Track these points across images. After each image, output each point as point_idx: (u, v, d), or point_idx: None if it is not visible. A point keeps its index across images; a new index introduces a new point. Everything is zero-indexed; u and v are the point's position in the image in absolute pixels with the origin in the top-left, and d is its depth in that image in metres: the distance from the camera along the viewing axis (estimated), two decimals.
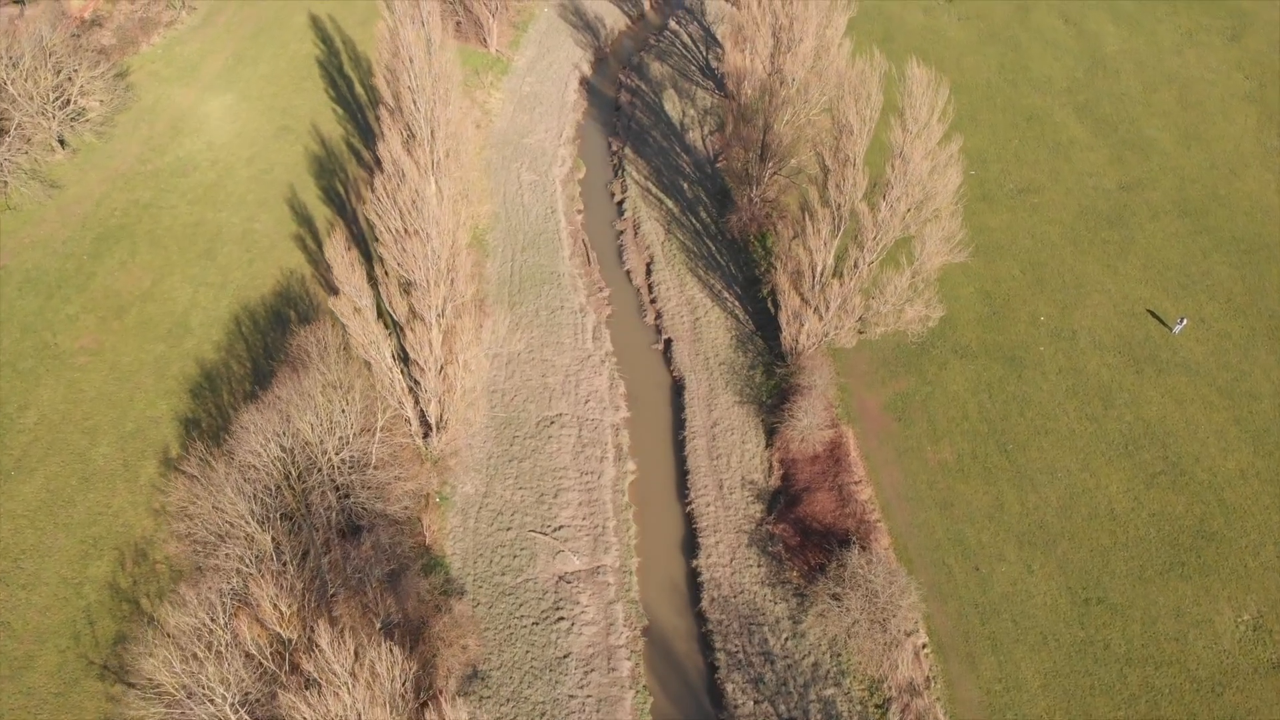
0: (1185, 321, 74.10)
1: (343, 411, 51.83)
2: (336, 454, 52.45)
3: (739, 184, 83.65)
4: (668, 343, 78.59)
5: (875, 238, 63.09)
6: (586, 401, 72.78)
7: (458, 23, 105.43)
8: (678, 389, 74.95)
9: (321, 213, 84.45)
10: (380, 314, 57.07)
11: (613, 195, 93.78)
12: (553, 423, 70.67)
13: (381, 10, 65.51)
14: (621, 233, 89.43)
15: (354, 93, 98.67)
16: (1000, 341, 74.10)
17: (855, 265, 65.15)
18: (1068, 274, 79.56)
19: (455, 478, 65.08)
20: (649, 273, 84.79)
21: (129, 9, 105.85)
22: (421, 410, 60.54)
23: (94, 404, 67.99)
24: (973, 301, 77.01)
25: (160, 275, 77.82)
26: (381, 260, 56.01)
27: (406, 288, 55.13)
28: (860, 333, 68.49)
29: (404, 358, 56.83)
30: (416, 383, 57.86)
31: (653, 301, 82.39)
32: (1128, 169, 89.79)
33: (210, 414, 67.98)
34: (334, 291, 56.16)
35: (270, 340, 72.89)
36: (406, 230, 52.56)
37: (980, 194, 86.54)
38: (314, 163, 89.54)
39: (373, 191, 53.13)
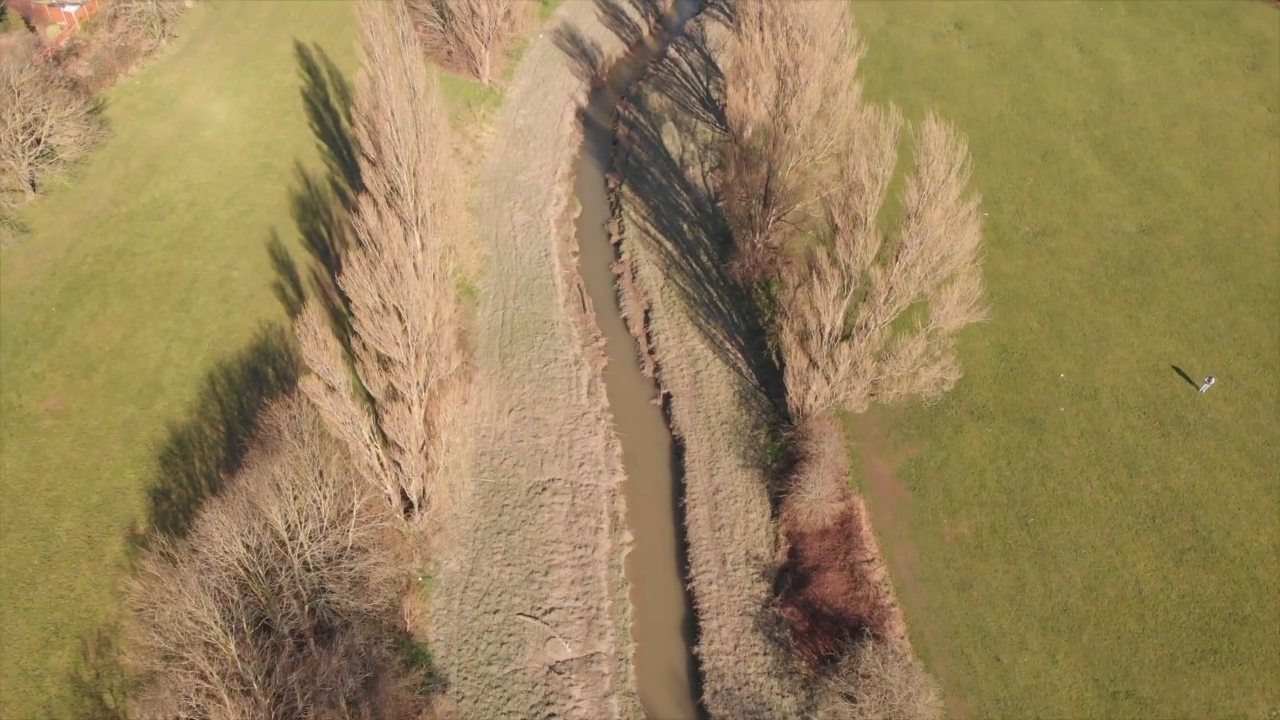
0: (1213, 380, 70.15)
1: (315, 503, 47.83)
2: (309, 548, 48.43)
3: (741, 229, 79.68)
4: (667, 398, 74.62)
5: (888, 301, 59.11)
6: (581, 465, 68.76)
7: (449, 52, 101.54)
8: (678, 449, 70.95)
9: (304, 258, 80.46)
10: (358, 389, 53.07)
11: (610, 236, 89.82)
12: (545, 489, 66.66)
13: (360, 56, 61.48)
14: (619, 276, 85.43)
15: (339, 127, 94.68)
16: (1019, 401, 70.12)
17: (866, 326, 61.18)
18: (1088, 326, 75.59)
19: (439, 554, 61.03)
20: (647, 320, 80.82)
21: (107, 37, 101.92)
22: (402, 487, 56.53)
23: (59, 473, 64.01)
24: (989, 356, 73.01)
25: (132, 329, 73.82)
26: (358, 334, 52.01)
27: (385, 363, 51.13)
28: (871, 395, 64.53)
29: (383, 436, 52.81)
30: (396, 462, 53.83)
31: (651, 352, 78.40)
32: (1148, 210, 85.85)
33: (180, 484, 64.01)
34: (305, 370, 52.13)
35: (246, 401, 68.92)
36: (384, 307, 48.59)
37: (994, 238, 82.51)
38: (297, 203, 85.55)
39: (347, 265, 49.09)
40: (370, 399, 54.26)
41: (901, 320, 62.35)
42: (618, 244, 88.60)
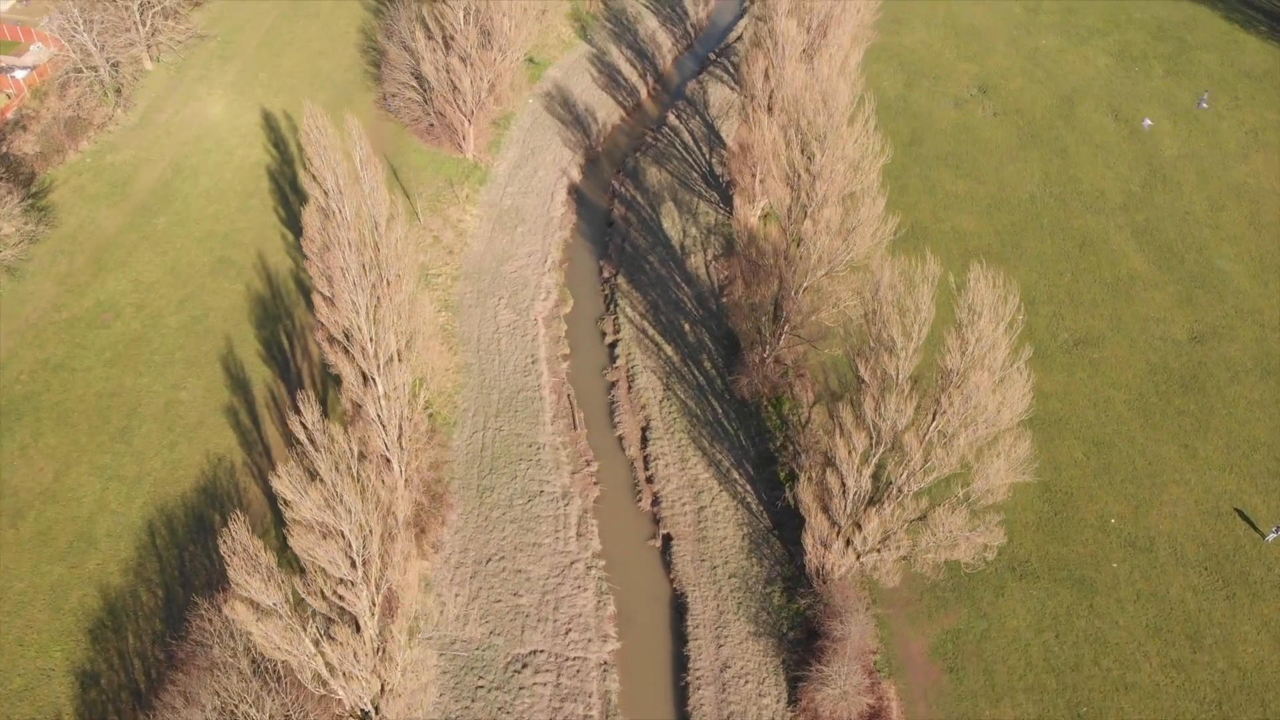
0: None
1: None
2: None
3: (748, 342, 71.45)
4: (666, 539, 66.37)
5: (924, 469, 50.90)
6: (568, 631, 60.46)
7: (429, 125, 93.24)
8: (679, 606, 62.67)
9: (261, 375, 72.21)
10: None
11: (604, 335, 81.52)
12: (525, 665, 58.36)
13: (307, 186, 53.31)
14: (613, 385, 77.17)
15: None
16: (1065, 555, 61.85)
17: (899, 491, 52.94)
18: (1139, 457, 67.35)
19: None
20: (645, 440, 72.52)
21: (58, 106, 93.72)
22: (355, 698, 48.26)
23: None
24: (1030, 497, 64.72)
25: (66, 464, 65.63)
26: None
27: (327, 577, 42.88)
28: (903, 559, 56.22)
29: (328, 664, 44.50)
30: (347, 678, 45.56)
31: (649, 480, 70.12)
32: (1200, 313, 77.57)
33: (111, 666, 55.95)
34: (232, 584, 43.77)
35: (189, 558, 60.76)
36: (326, 532, 40.38)
37: (1032, 347, 74.15)
38: (256, 306, 77.28)
39: (277, 477, 40.84)
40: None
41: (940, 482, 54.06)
42: (613, 345, 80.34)
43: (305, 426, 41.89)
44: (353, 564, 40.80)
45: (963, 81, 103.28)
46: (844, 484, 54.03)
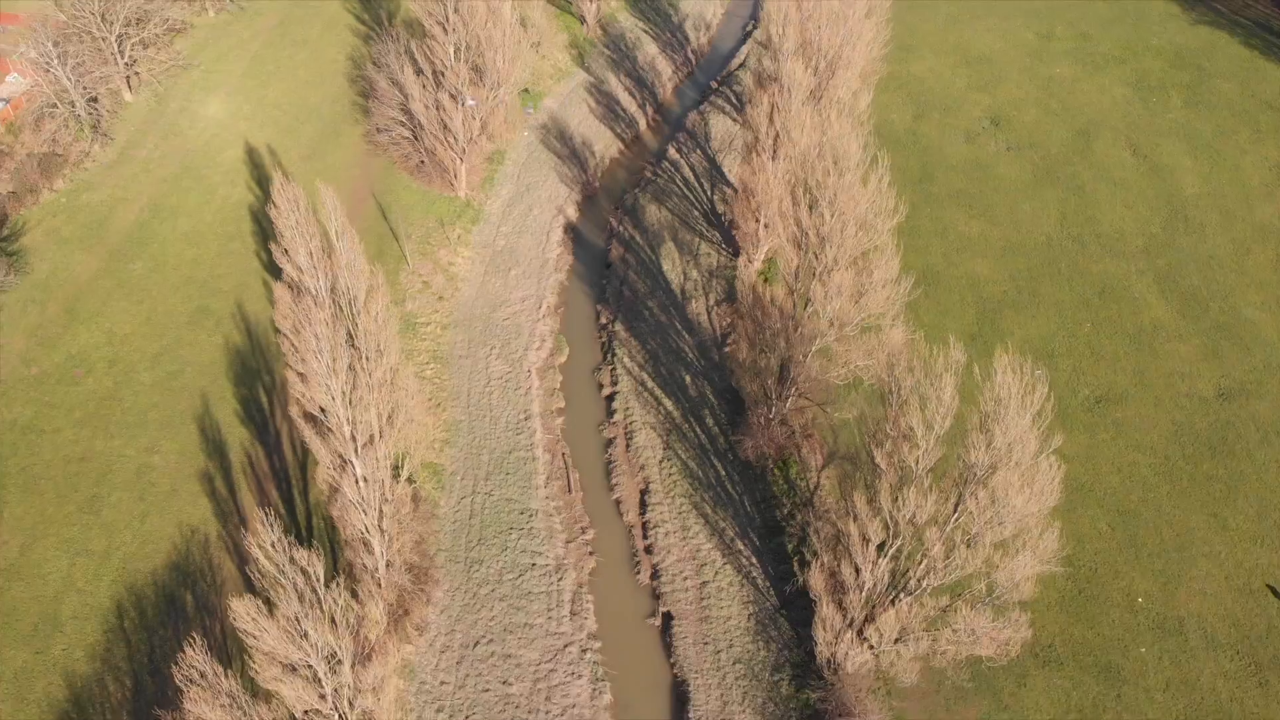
0: None
1: None
2: None
3: (753, 402, 67.75)
4: (667, 618, 62.63)
5: (945, 567, 47.19)
6: None
7: (420, 162, 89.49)
8: (680, 694, 58.91)
9: (238, 436, 68.50)
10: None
11: (600, 387, 77.81)
12: None
13: (278, 259, 49.59)
14: (611, 442, 73.46)
15: None
16: (1091, 640, 58.12)
17: (919, 584, 49.23)
18: (1167, 529, 63.65)
19: None
20: (644, 505, 68.83)
21: (32, 140, 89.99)
22: None
23: None
24: (1053, 575, 60.80)
25: (32, 538, 61.92)
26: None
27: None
28: (920, 657, 52.49)
29: None
30: None
31: (648, 551, 66.40)
32: (1226, 367, 73.83)
33: None
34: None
35: (158, 641, 57.00)
36: (292, 667, 36.68)
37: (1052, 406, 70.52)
38: (234, 360, 73.59)
39: (234, 611, 37.05)
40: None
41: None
42: (610, 397, 76.64)
43: (264, 550, 38.09)
44: (321, 696, 37.12)
45: (974, 113, 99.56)
46: (858, 575, 50.34)
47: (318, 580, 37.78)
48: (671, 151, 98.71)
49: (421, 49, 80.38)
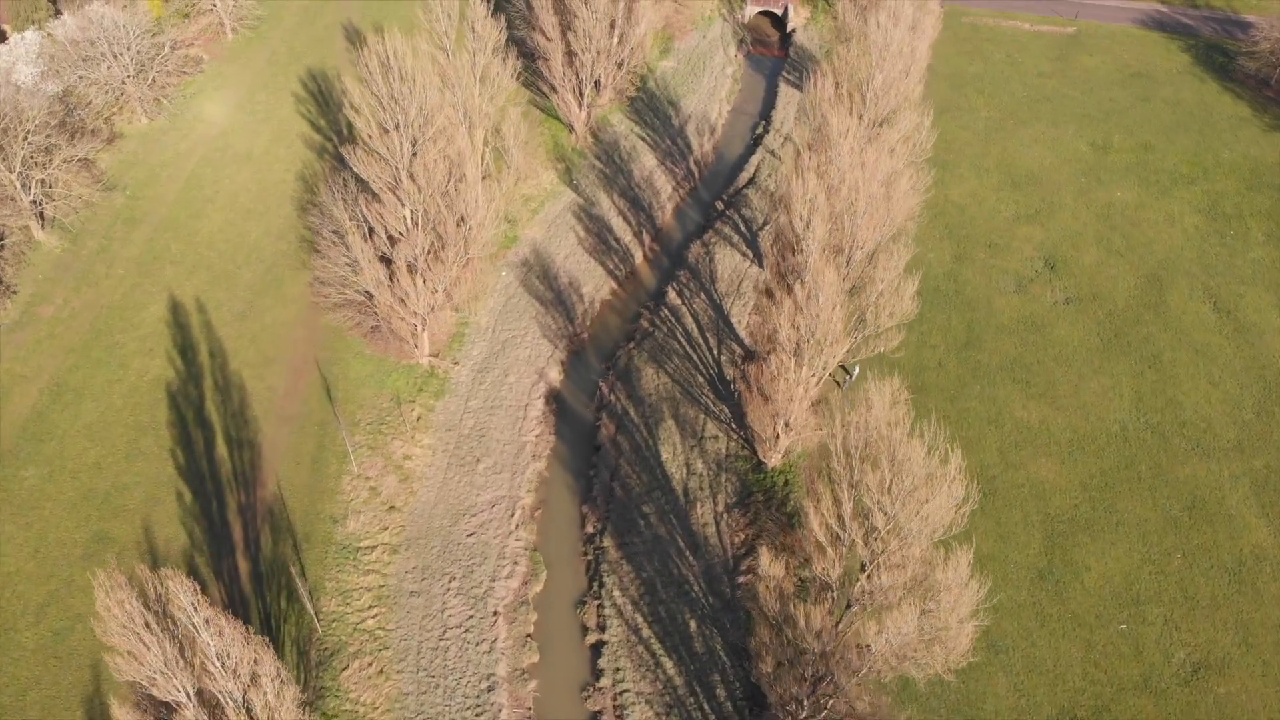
0: None
1: None
2: None
3: (780, 705, 53.87)
4: None
5: None
6: None
7: (374, 326, 75.68)
8: None
9: None
10: None
11: (585, 631, 64.00)
12: None
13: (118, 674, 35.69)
14: (597, 717, 59.69)
15: (214, 453, 68.86)
16: None
17: None
18: None
19: None
20: None
21: None
22: None
23: None
24: None
25: None
26: None
27: None
28: None
29: None
30: None
31: None
32: None
33: None
34: None
35: None
36: None
37: (1138, 673, 57.03)
38: None
39: None
40: None
41: None
42: (596, 647, 62.90)
43: None
44: None
45: (1025, 251, 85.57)
46: None
47: None
48: (671, 294, 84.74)
49: (374, 213, 66.55)
